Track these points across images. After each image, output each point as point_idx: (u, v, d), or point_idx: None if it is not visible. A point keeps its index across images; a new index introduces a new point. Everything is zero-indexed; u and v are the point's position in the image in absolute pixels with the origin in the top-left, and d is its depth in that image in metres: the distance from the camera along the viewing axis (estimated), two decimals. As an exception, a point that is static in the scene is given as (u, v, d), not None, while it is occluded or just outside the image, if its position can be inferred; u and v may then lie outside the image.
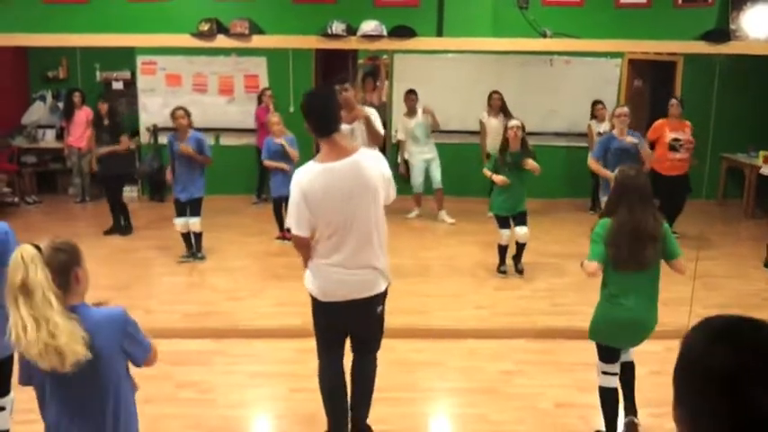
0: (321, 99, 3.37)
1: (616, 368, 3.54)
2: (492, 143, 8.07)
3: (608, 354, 3.51)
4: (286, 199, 6.81)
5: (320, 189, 3.13)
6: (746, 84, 8.75)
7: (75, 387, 2.28)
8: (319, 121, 3.23)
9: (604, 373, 3.53)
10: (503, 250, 6.26)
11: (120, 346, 2.32)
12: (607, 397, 3.55)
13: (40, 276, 2.18)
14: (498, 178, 5.99)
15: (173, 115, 6.39)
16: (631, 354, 3.69)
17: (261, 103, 8.72)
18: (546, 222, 5.69)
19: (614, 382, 3.55)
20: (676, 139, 7.17)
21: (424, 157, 8.18)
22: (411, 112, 8.12)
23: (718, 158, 9.04)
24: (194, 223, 6.53)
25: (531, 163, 5.85)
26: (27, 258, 2.19)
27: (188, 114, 6.45)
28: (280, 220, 7.11)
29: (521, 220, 6.09)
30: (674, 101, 7.28)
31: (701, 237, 7.30)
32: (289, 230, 5.43)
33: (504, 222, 6.14)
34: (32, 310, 2.16)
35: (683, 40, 5.58)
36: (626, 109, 6.20)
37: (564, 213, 8.08)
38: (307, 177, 3.17)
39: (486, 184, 8.16)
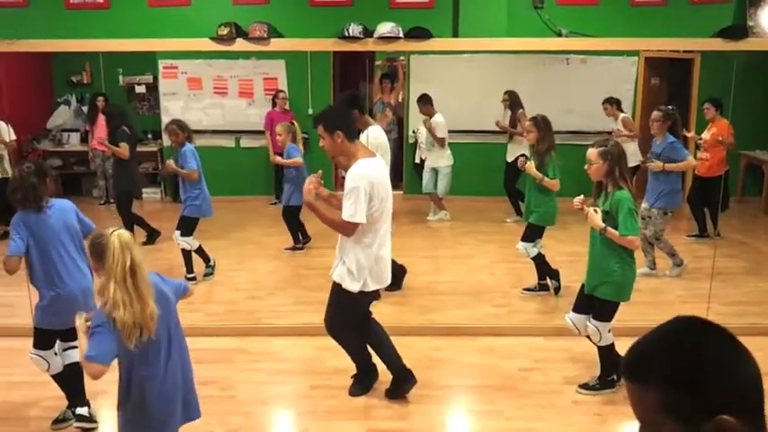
0: (343, 110, 4.26)
1: None
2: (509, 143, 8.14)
3: (616, 311, 4.05)
4: (298, 208, 6.83)
5: (385, 179, 3.83)
6: (765, 80, 8.69)
7: (162, 341, 2.72)
8: (352, 126, 3.93)
9: (609, 330, 4.07)
10: (534, 262, 5.77)
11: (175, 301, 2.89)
12: (613, 348, 4.10)
13: (141, 257, 2.61)
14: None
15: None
16: None
17: (275, 105, 8.82)
18: (561, 220, 5.70)
19: None
20: (700, 138, 7.23)
21: (430, 165, 8.21)
22: (428, 116, 8.13)
23: (737, 156, 8.99)
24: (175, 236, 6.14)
25: (546, 182, 5.46)
26: (128, 242, 2.60)
27: (181, 129, 6.03)
28: (294, 230, 7.00)
29: (530, 232, 5.64)
30: (705, 105, 7.28)
31: (720, 233, 7.29)
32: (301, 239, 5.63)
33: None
34: (136, 288, 2.56)
35: (700, 37, 5.57)
36: (654, 113, 6.06)
37: (579, 211, 8.07)
38: (375, 169, 3.76)
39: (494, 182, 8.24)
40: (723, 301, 5.29)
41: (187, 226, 6.07)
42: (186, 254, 6.15)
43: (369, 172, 3.71)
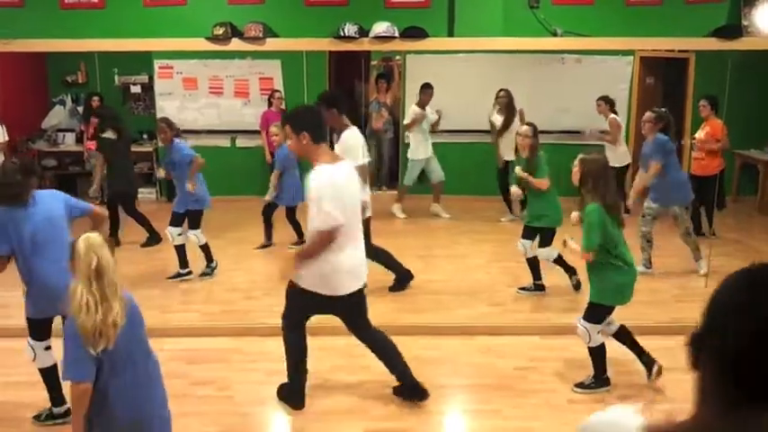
0: (313, 112, 4.02)
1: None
2: (500, 141, 8.12)
3: (605, 314, 4.12)
4: (291, 209, 6.84)
5: (347, 185, 3.72)
6: (759, 80, 8.72)
7: (131, 353, 2.68)
8: (319, 129, 3.81)
9: (599, 332, 4.13)
10: (528, 263, 5.79)
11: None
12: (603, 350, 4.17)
13: (110, 261, 2.55)
14: (514, 189, 5.86)
15: (157, 127, 6.14)
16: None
17: (271, 105, 8.82)
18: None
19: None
20: (693, 138, 7.23)
21: (427, 155, 8.23)
22: (426, 106, 8.16)
23: (732, 155, 9.01)
24: (192, 237, 6.27)
25: (532, 181, 5.56)
26: (96, 245, 2.54)
27: (170, 126, 6.17)
28: (296, 226, 7.06)
29: (542, 238, 5.65)
30: (701, 102, 7.27)
31: (715, 233, 7.32)
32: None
33: (528, 233, 5.71)
34: (100, 291, 2.49)
35: (695, 36, 5.59)
36: (647, 114, 6.08)
37: (575, 210, 8.08)
38: (333, 175, 3.65)
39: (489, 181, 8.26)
40: (718, 299, 5.30)
41: (194, 220, 6.19)
42: (203, 247, 6.27)
43: (326, 179, 3.62)
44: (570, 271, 5.76)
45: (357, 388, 4.20)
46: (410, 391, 4.05)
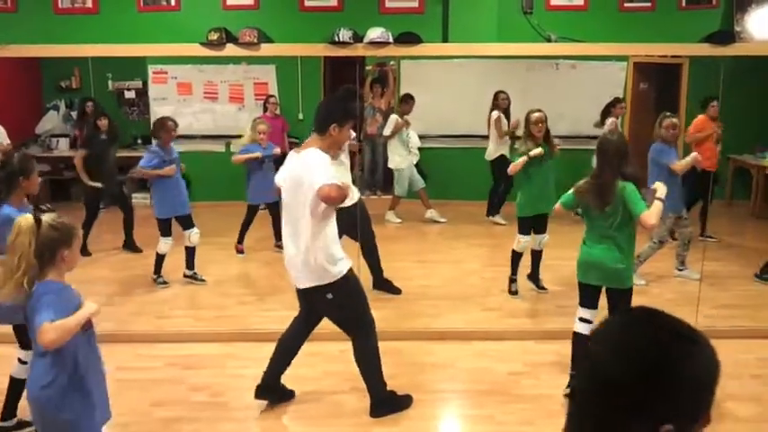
0: (327, 99, 4.04)
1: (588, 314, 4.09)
2: (500, 143, 8.12)
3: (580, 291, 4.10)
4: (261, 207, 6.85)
5: (284, 170, 3.81)
6: (752, 85, 8.76)
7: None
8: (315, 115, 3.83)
9: (580, 318, 4.12)
10: (517, 259, 5.82)
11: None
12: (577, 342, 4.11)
13: (24, 243, 2.48)
14: (535, 152, 5.52)
15: (164, 126, 5.95)
16: None
17: (266, 110, 8.82)
18: (550, 224, 5.74)
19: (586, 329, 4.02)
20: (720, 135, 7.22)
21: (410, 162, 8.27)
22: (405, 116, 8.23)
23: (726, 159, 9.06)
24: (196, 235, 6.21)
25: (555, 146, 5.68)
26: (23, 226, 2.51)
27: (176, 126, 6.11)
28: (245, 230, 7.09)
29: (542, 225, 5.72)
30: (714, 103, 7.23)
31: (712, 235, 7.34)
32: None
33: (527, 227, 5.69)
34: (4, 266, 2.50)
35: (688, 42, 5.62)
36: (675, 120, 5.95)
37: (568, 215, 8.08)
38: (290, 158, 3.81)
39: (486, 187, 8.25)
40: (712, 304, 5.32)
41: (189, 221, 6.16)
42: (193, 250, 6.23)
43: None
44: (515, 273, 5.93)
45: (349, 393, 4.18)
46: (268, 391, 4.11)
